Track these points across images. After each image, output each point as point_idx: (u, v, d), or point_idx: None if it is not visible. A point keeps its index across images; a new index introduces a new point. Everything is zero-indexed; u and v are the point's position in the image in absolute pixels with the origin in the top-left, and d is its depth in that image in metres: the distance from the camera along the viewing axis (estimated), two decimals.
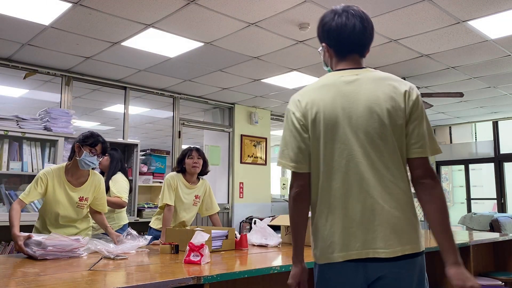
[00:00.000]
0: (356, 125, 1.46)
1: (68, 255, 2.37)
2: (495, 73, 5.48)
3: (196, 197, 3.58)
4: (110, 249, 2.49)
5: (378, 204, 1.45)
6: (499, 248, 4.14)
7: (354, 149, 1.46)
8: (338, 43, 1.58)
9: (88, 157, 2.79)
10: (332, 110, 1.48)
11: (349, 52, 1.59)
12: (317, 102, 1.50)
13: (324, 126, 1.48)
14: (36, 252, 2.31)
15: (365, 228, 1.44)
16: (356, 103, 1.48)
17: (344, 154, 1.47)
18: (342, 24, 1.55)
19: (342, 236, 1.45)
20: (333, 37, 1.57)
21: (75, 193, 2.88)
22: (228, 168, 7.23)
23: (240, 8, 3.61)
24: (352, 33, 1.55)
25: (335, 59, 1.61)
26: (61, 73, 5.33)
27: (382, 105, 1.46)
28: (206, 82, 5.89)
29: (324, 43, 1.62)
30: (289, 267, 2.17)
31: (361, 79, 1.52)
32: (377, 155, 1.46)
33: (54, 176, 2.81)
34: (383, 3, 3.54)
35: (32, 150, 4.33)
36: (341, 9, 1.57)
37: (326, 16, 1.60)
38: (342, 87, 1.51)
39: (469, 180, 9.07)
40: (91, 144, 2.80)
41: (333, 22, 1.56)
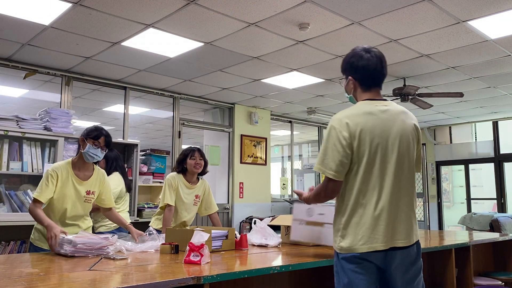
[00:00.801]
0: (392, 146, 1.89)
1: (97, 253, 2.41)
2: (495, 73, 5.48)
3: (196, 197, 3.62)
4: (129, 247, 2.55)
5: (400, 207, 1.88)
6: (499, 248, 4.14)
7: (389, 165, 1.88)
8: (363, 77, 1.97)
9: (92, 149, 2.87)
10: (374, 133, 1.88)
11: (372, 86, 1.99)
12: (362, 125, 1.88)
13: (369, 145, 1.87)
14: (67, 249, 2.37)
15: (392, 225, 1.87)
16: (391, 128, 1.91)
17: (381, 167, 1.88)
18: (369, 62, 1.95)
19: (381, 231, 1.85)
20: (360, 72, 1.97)
21: (82, 186, 2.93)
22: (228, 168, 7.24)
23: (240, 8, 3.61)
24: (375, 70, 1.96)
25: (359, 89, 2.00)
26: (61, 73, 5.33)
27: (408, 133, 1.94)
28: (206, 82, 5.89)
29: (351, 77, 2.00)
30: (289, 267, 2.18)
31: (391, 110, 1.95)
32: (404, 170, 1.91)
33: (63, 171, 2.87)
34: (383, 3, 3.54)
35: (32, 150, 4.33)
36: (365, 49, 1.97)
37: (353, 55, 1.99)
38: (379, 115, 1.92)
39: (469, 180, 9.07)
40: (94, 137, 2.88)
41: (361, 61, 1.96)
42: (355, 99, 2.04)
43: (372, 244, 1.83)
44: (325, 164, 1.90)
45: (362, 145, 1.87)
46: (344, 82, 2.05)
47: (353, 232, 1.86)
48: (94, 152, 2.87)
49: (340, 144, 1.87)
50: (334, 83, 5.91)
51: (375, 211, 1.85)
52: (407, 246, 1.88)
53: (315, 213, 2.42)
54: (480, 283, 3.49)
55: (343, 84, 2.07)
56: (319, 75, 5.57)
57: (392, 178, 1.87)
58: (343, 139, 1.87)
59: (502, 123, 8.69)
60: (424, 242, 3.39)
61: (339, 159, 1.87)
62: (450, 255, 3.19)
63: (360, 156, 1.87)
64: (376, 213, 1.85)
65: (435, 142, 9.54)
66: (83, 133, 2.93)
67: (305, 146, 10.96)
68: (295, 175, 8.70)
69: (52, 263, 2.22)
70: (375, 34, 4.18)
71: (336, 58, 4.89)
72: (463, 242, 3.32)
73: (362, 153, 1.87)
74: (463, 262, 3.35)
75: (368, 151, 1.87)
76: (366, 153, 1.87)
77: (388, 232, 1.84)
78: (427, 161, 9.68)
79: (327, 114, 7.89)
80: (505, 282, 3.67)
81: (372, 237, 1.83)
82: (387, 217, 1.85)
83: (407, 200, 1.90)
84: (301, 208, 2.48)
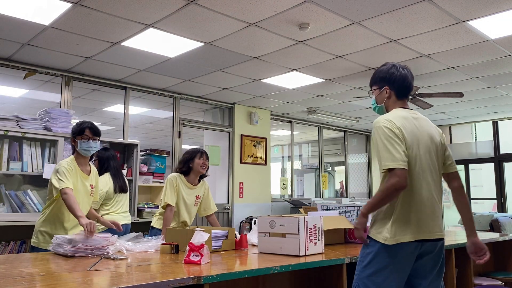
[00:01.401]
0: (424, 147, 2.10)
1: (97, 253, 2.42)
2: (495, 73, 5.48)
3: (197, 197, 3.65)
4: (129, 247, 2.56)
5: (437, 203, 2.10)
6: (499, 248, 4.14)
7: (423, 163, 2.08)
8: (400, 87, 2.21)
9: (84, 143, 3.00)
10: (412, 135, 2.08)
11: (404, 96, 2.24)
12: (403, 126, 2.08)
13: (411, 145, 2.06)
14: (67, 249, 2.37)
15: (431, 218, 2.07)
16: (423, 133, 2.13)
17: (417, 165, 2.06)
18: (406, 75, 2.21)
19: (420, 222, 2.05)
20: (398, 83, 2.20)
21: (87, 181, 3.08)
22: (228, 168, 7.23)
23: (240, 8, 3.61)
24: (410, 83, 2.23)
25: (393, 98, 2.23)
26: (61, 73, 5.33)
27: (436, 137, 2.18)
28: (206, 82, 5.89)
29: (387, 86, 2.22)
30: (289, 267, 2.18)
31: (420, 118, 2.20)
32: (434, 168, 2.13)
33: (72, 167, 2.98)
34: (383, 3, 3.54)
35: (32, 150, 4.33)
36: (401, 66, 2.24)
37: (391, 68, 2.23)
38: (413, 121, 2.14)
39: (469, 180, 9.07)
40: (80, 133, 3.01)
41: (398, 72, 2.21)
42: (386, 107, 2.26)
43: (415, 235, 2.01)
44: (392, 158, 1.99)
45: (408, 143, 2.05)
46: (377, 92, 2.26)
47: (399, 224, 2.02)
48: (86, 145, 3.00)
49: (396, 136, 2.02)
50: (334, 83, 5.91)
51: (417, 205, 2.04)
52: (441, 238, 2.11)
53: (276, 225, 2.58)
54: (480, 283, 3.49)
55: (375, 94, 2.28)
56: (319, 75, 5.57)
57: (429, 176, 2.08)
58: (398, 131, 2.04)
59: (502, 123, 8.69)
60: None
61: (402, 149, 2.01)
62: (450, 255, 3.19)
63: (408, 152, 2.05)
64: (418, 207, 2.04)
65: None
66: (71, 134, 3.08)
67: (305, 146, 10.96)
68: (295, 175, 8.70)
69: (52, 263, 2.22)
70: (375, 34, 4.18)
71: (336, 58, 4.89)
72: (463, 242, 3.31)
73: (409, 151, 2.05)
74: (463, 262, 3.35)
75: (410, 149, 2.05)
76: (411, 151, 2.05)
77: (429, 224, 2.05)
78: None
79: (327, 114, 7.89)
80: (505, 282, 3.67)
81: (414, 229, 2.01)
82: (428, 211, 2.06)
83: (439, 196, 2.13)
84: (263, 221, 2.64)
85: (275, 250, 2.56)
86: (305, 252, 2.48)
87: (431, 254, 2.10)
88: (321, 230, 2.61)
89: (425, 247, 2.07)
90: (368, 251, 2.08)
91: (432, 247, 2.09)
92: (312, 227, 2.55)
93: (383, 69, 2.26)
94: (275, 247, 2.56)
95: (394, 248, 2.00)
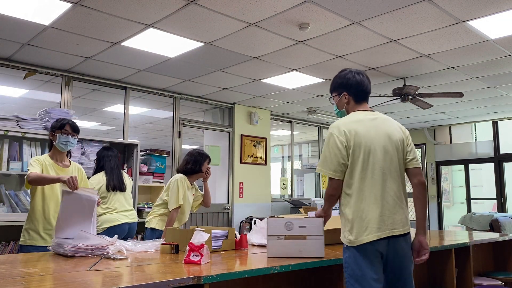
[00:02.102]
0: (382, 147, 2.19)
1: (97, 253, 2.42)
2: (495, 73, 5.48)
3: (193, 195, 3.79)
4: (129, 247, 2.56)
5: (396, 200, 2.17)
6: (499, 248, 4.14)
7: (377, 162, 2.17)
8: (357, 92, 2.32)
9: (62, 138, 3.05)
10: (366, 136, 2.19)
11: (363, 99, 2.34)
12: (356, 130, 2.19)
13: (364, 147, 2.17)
14: (67, 249, 2.37)
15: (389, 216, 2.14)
16: (381, 133, 2.22)
17: (375, 165, 2.16)
18: (361, 80, 2.33)
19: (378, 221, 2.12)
20: (354, 88, 2.32)
21: (64, 173, 3.05)
22: (228, 168, 7.23)
23: (240, 8, 3.61)
24: (366, 87, 2.34)
25: (352, 103, 2.34)
26: (61, 73, 5.33)
27: (395, 135, 2.25)
28: (206, 82, 5.89)
29: (345, 92, 2.34)
30: (289, 267, 2.18)
31: (379, 118, 2.28)
32: (393, 166, 2.21)
33: (44, 159, 3.06)
34: (383, 3, 3.54)
35: (32, 150, 4.33)
36: (356, 71, 2.35)
37: (347, 74, 2.35)
38: (370, 122, 2.24)
39: (469, 180, 9.07)
40: (60, 127, 3.07)
41: (354, 78, 2.32)
42: (347, 112, 2.37)
43: (377, 233, 2.08)
44: (325, 166, 2.20)
45: (357, 148, 2.17)
46: (336, 98, 2.40)
47: (359, 225, 2.11)
48: (65, 139, 3.05)
49: (337, 148, 2.17)
50: None
51: (374, 204, 2.13)
52: (404, 234, 2.16)
53: (295, 227, 2.43)
54: (480, 283, 3.49)
55: (335, 100, 2.42)
56: (319, 75, 5.57)
57: (387, 174, 2.17)
58: (340, 143, 2.17)
59: (502, 123, 8.69)
60: None
61: (337, 160, 2.17)
62: (450, 255, 3.19)
63: (356, 157, 2.17)
64: (375, 206, 2.12)
65: (435, 142, 9.54)
66: (49, 129, 3.15)
67: (305, 146, 10.96)
68: (295, 175, 8.70)
69: (52, 263, 2.22)
70: (375, 34, 4.18)
71: (336, 58, 4.89)
72: (463, 242, 3.32)
73: (357, 154, 2.17)
74: (463, 262, 3.35)
75: (363, 152, 2.17)
76: (361, 154, 2.17)
77: (388, 222, 2.11)
78: (427, 161, 9.68)
79: (327, 114, 7.89)
80: (505, 282, 3.67)
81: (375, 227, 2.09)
82: (385, 209, 2.13)
83: (399, 194, 2.19)
84: (277, 223, 2.46)
85: (293, 254, 2.39)
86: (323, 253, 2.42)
87: (396, 250, 2.15)
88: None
89: (389, 244, 2.13)
90: (345, 256, 2.18)
91: (395, 243, 2.14)
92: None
93: (340, 75, 2.40)
94: (294, 251, 2.39)
95: (360, 248, 2.09)
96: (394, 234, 2.12)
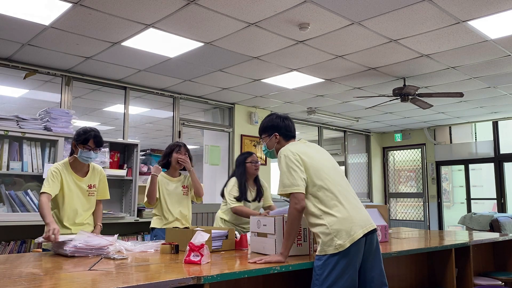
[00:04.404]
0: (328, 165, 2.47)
1: (97, 253, 2.42)
2: (495, 73, 5.48)
3: (184, 187, 3.69)
4: (129, 247, 2.56)
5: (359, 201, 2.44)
6: (499, 248, 4.14)
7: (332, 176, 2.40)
8: (287, 132, 2.62)
9: (84, 153, 2.97)
10: (311, 156, 2.43)
11: (292, 137, 2.64)
12: (304, 152, 2.43)
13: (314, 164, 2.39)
14: (67, 249, 2.37)
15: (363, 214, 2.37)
16: (320, 154, 2.51)
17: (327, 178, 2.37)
18: (290, 124, 2.65)
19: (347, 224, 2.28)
20: (284, 129, 2.61)
21: (83, 182, 3.06)
22: (228, 168, 7.23)
23: (240, 8, 3.61)
24: (293, 128, 2.66)
25: (283, 141, 2.59)
26: (61, 73, 5.33)
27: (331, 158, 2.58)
28: (206, 82, 5.89)
29: (276, 133, 2.60)
30: (289, 267, 2.18)
31: (310, 145, 2.58)
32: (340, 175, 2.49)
33: (63, 170, 2.99)
34: (383, 3, 3.54)
35: (32, 150, 4.33)
36: (285, 116, 2.67)
37: (276, 118, 2.64)
38: (309, 147, 2.53)
39: (469, 180, 9.07)
40: (83, 142, 2.96)
41: (283, 123, 2.62)
42: (277, 151, 2.58)
43: (353, 236, 2.22)
44: (290, 184, 2.32)
45: (309, 164, 2.37)
46: (266, 138, 2.64)
47: (342, 228, 2.24)
48: (86, 155, 2.98)
49: (296, 165, 2.35)
50: (334, 83, 5.91)
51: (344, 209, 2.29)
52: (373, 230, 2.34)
53: (261, 225, 2.60)
54: (480, 283, 3.49)
55: (265, 141, 2.64)
56: (319, 75, 5.57)
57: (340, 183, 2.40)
58: (297, 161, 2.36)
59: (502, 123, 8.69)
60: (424, 242, 3.40)
61: (300, 176, 2.33)
62: (450, 255, 3.19)
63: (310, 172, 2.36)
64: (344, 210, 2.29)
65: (435, 142, 9.54)
66: (74, 138, 3.03)
67: None
68: None
69: (52, 263, 2.22)
70: (375, 34, 4.18)
71: (336, 58, 4.89)
72: (463, 242, 3.32)
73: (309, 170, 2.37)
74: (463, 262, 3.35)
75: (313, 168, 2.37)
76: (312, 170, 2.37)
77: (358, 222, 2.28)
78: (427, 161, 9.68)
79: (327, 114, 7.89)
80: (505, 282, 3.67)
81: (358, 226, 2.27)
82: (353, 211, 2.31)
83: (353, 195, 2.43)
84: (254, 220, 2.67)
85: (259, 250, 2.58)
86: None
87: (371, 243, 2.35)
88: (308, 231, 2.56)
89: (367, 239, 2.32)
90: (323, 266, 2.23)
91: (371, 238, 2.35)
92: None
93: (267, 120, 2.67)
94: (260, 247, 2.58)
95: (348, 249, 2.21)
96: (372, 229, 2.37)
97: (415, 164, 10.00)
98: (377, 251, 2.40)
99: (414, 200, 9.92)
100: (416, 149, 9.95)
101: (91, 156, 2.98)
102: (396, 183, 10.32)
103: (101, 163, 4.89)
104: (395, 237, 3.61)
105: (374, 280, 2.34)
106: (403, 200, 10.16)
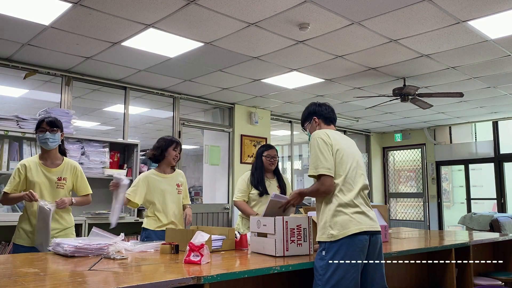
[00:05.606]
0: (354, 154, 2.51)
1: (97, 253, 2.42)
2: (495, 73, 5.48)
3: (178, 185, 3.61)
4: (129, 247, 2.56)
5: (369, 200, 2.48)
6: (499, 248, 4.14)
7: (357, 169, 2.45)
8: (326, 115, 2.68)
9: (41, 136, 3.07)
10: (342, 145, 2.47)
11: (332, 121, 2.70)
12: (336, 139, 2.47)
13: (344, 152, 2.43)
14: (67, 249, 2.38)
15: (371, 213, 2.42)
16: (349, 143, 2.57)
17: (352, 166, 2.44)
18: (327, 108, 2.70)
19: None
20: (322, 112, 2.67)
21: (53, 174, 3.12)
22: (228, 168, 7.23)
23: (240, 8, 3.61)
24: (331, 111, 2.71)
25: (323, 125, 2.65)
26: (61, 73, 5.33)
27: (357, 148, 2.62)
28: (206, 82, 5.89)
29: (315, 117, 2.67)
30: (289, 267, 2.18)
31: (343, 135, 2.60)
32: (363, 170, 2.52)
33: (30, 163, 3.09)
34: (383, 3, 3.54)
35: (32, 150, 4.33)
36: (322, 103, 2.73)
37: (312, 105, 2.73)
38: (341, 136, 2.56)
39: (469, 180, 9.07)
40: (37, 127, 3.09)
41: (319, 108, 2.69)
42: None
43: (360, 226, 2.28)
44: (320, 166, 2.36)
45: (339, 152, 2.42)
46: (308, 125, 2.70)
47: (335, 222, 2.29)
48: (43, 136, 3.05)
49: (327, 149, 2.39)
50: (334, 83, 5.91)
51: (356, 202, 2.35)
52: (377, 232, 2.37)
53: (261, 225, 2.61)
54: (480, 283, 3.49)
55: (308, 128, 2.71)
56: (319, 75, 5.57)
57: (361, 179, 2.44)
58: (329, 145, 2.41)
59: (502, 123, 8.69)
60: (424, 242, 3.40)
61: (331, 158, 2.38)
62: (450, 255, 3.19)
63: (338, 159, 2.40)
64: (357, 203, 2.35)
65: (435, 142, 9.54)
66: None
67: (305, 146, 10.96)
68: (295, 175, 8.70)
69: (52, 263, 2.22)
70: (375, 34, 4.18)
71: (336, 58, 4.89)
72: (463, 242, 3.32)
73: (339, 156, 2.41)
74: (463, 262, 3.35)
75: (343, 155, 2.42)
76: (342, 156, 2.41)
77: (369, 218, 2.34)
78: (427, 161, 9.68)
79: None
80: (505, 282, 3.67)
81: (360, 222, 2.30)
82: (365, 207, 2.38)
83: (367, 198, 2.46)
84: (253, 220, 2.68)
85: (259, 250, 2.59)
86: (283, 253, 2.45)
87: (375, 245, 2.36)
88: (308, 230, 2.57)
89: (371, 241, 2.33)
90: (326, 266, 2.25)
91: (375, 240, 2.36)
92: (294, 228, 2.52)
93: (306, 108, 2.75)
94: (260, 247, 2.59)
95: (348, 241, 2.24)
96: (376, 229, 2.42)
97: (415, 164, 10.00)
98: (380, 254, 2.41)
99: (414, 200, 9.92)
100: (416, 149, 9.96)
101: (46, 136, 3.04)
102: (396, 183, 10.33)
103: (101, 163, 4.90)
104: (395, 237, 3.61)
105: (374, 283, 2.35)
106: (403, 200, 10.17)
